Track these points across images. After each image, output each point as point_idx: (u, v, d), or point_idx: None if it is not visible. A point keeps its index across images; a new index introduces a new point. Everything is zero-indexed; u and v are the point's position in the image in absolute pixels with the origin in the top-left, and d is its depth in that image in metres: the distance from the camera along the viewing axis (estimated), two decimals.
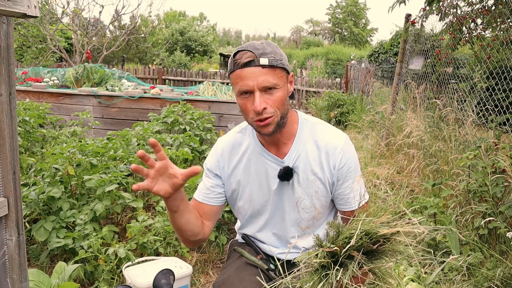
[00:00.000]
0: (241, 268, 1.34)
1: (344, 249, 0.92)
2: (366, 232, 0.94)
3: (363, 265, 0.94)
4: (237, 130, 1.39)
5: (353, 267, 0.91)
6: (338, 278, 0.90)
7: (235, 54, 1.18)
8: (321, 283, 0.92)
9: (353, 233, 0.93)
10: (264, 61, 1.14)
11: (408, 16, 5.08)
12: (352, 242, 0.91)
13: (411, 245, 0.94)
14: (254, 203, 1.35)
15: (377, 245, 0.94)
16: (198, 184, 2.69)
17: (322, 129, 1.33)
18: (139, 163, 2.87)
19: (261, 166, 1.32)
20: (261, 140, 1.32)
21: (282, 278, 1.04)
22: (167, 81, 12.24)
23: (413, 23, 4.98)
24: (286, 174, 1.28)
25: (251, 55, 1.15)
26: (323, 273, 0.93)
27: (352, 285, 0.90)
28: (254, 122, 1.20)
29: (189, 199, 2.61)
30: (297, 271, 1.01)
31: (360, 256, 0.92)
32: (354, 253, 0.93)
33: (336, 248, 0.93)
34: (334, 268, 0.92)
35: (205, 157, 3.61)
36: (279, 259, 1.38)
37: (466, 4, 4.50)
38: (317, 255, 0.94)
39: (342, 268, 0.92)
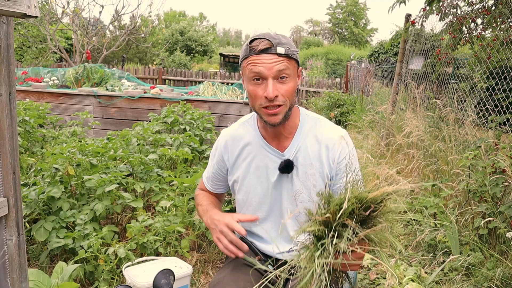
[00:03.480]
0: (237, 269, 1.34)
1: (337, 216, 0.92)
2: (356, 197, 0.94)
3: (358, 232, 0.93)
4: (240, 123, 1.43)
5: (348, 234, 0.91)
6: (334, 244, 0.90)
7: (251, 41, 1.20)
8: (318, 252, 0.92)
9: (343, 200, 0.93)
10: (280, 50, 1.17)
11: (408, 16, 5.08)
12: (344, 206, 0.91)
13: (400, 202, 0.94)
14: (252, 195, 1.37)
15: (368, 211, 0.94)
16: (198, 184, 2.70)
17: (323, 124, 1.35)
18: (139, 163, 2.87)
19: (261, 158, 1.34)
20: (262, 133, 1.35)
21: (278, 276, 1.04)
22: (167, 81, 12.23)
23: (413, 23, 4.98)
24: (287, 167, 1.29)
25: (268, 43, 1.17)
26: (319, 243, 0.93)
27: (349, 250, 0.90)
28: (262, 109, 1.22)
29: (191, 199, 2.59)
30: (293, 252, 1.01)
31: (354, 224, 0.92)
32: (347, 221, 0.92)
33: (328, 215, 0.93)
34: (329, 235, 0.92)
35: (205, 157, 3.62)
36: (277, 259, 1.37)
37: (466, 4, 4.50)
38: (311, 226, 0.95)
39: (337, 235, 0.92)
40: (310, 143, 1.32)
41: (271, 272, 1.32)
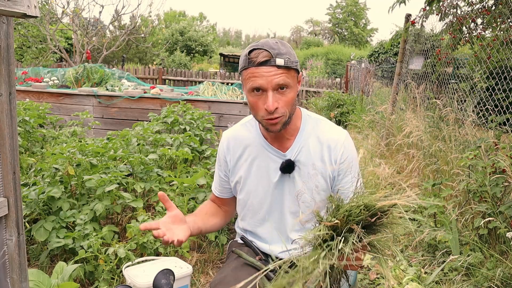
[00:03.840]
0: (238, 268, 1.35)
1: (345, 223, 0.95)
2: (365, 205, 0.95)
3: (363, 238, 0.96)
4: (241, 123, 1.43)
5: (353, 239, 0.93)
6: (340, 248, 0.92)
7: (250, 52, 1.19)
8: (324, 253, 0.93)
9: (353, 206, 0.95)
10: (280, 61, 1.16)
11: (408, 16, 5.08)
12: (353, 214, 0.94)
13: (405, 216, 0.96)
14: (254, 196, 1.37)
15: (375, 218, 0.95)
16: (198, 185, 2.70)
17: (324, 125, 1.36)
18: (139, 163, 2.87)
19: (263, 159, 1.34)
20: (264, 134, 1.35)
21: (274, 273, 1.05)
22: (167, 81, 12.23)
23: (413, 23, 4.98)
24: (288, 167, 1.30)
25: (268, 54, 1.16)
26: (325, 245, 0.95)
27: (353, 255, 0.92)
28: (263, 120, 1.23)
29: (192, 199, 2.58)
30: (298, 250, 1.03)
31: (360, 230, 0.94)
32: (354, 226, 0.94)
33: (337, 221, 0.95)
34: (336, 239, 0.94)
35: (205, 157, 3.62)
36: (278, 258, 1.38)
37: (466, 4, 4.50)
38: (319, 230, 0.97)
39: (343, 240, 0.94)
40: (312, 144, 1.32)
41: (271, 271, 1.32)
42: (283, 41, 1.22)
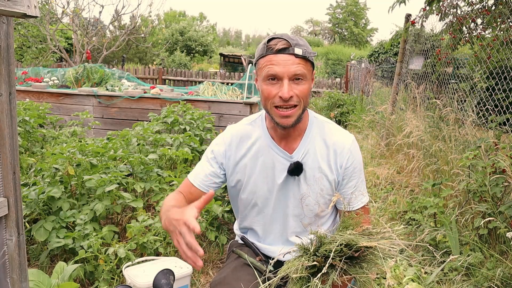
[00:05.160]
0: (238, 269, 1.34)
1: (324, 261, 0.98)
2: (346, 243, 0.98)
3: (345, 272, 0.98)
4: (247, 122, 1.40)
5: (334, 277, 0.95)
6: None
7: (268, 41, 1.20)
8: None
9: (333, 246, 0.98)
10: (298, 51, 1.17)
11: (408, 16, 5.08)
12: (330, 258, 0.96)
13: (388, 257, 0.99)
14: (257, 195, 1.35)
15: (358, 252, 0.98)
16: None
17: (331, 128, 1.35)
18: (139, 163, 2.87)
19: (268, 159, 1.32)
20: (271, 133, 1.33)
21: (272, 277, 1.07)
22: (167, 81, 12.24)
23: (413, 23, 4.98)
24: (296, 169, 1.28)
25: (286, 43, 1.17)
26: (305, 283, 0.98)
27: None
28: (273, 109, 1.21)
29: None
30: (286, 277, 1.06)
31: (342, 264, 0.97)
32: (335, 261, 0.96)
33: (315, 262, 0.98)
34: (315, 277, 0.96)
35: None
36: (279, 261, 1.37)
37: (466, 4, 4.50)
38: (299, 267, 1.00)
39: (323, 277, 0.96)
40: (318, 147, 1.31)
41: (271, 273, 1.32)
42: (300, 37, 1.24)
